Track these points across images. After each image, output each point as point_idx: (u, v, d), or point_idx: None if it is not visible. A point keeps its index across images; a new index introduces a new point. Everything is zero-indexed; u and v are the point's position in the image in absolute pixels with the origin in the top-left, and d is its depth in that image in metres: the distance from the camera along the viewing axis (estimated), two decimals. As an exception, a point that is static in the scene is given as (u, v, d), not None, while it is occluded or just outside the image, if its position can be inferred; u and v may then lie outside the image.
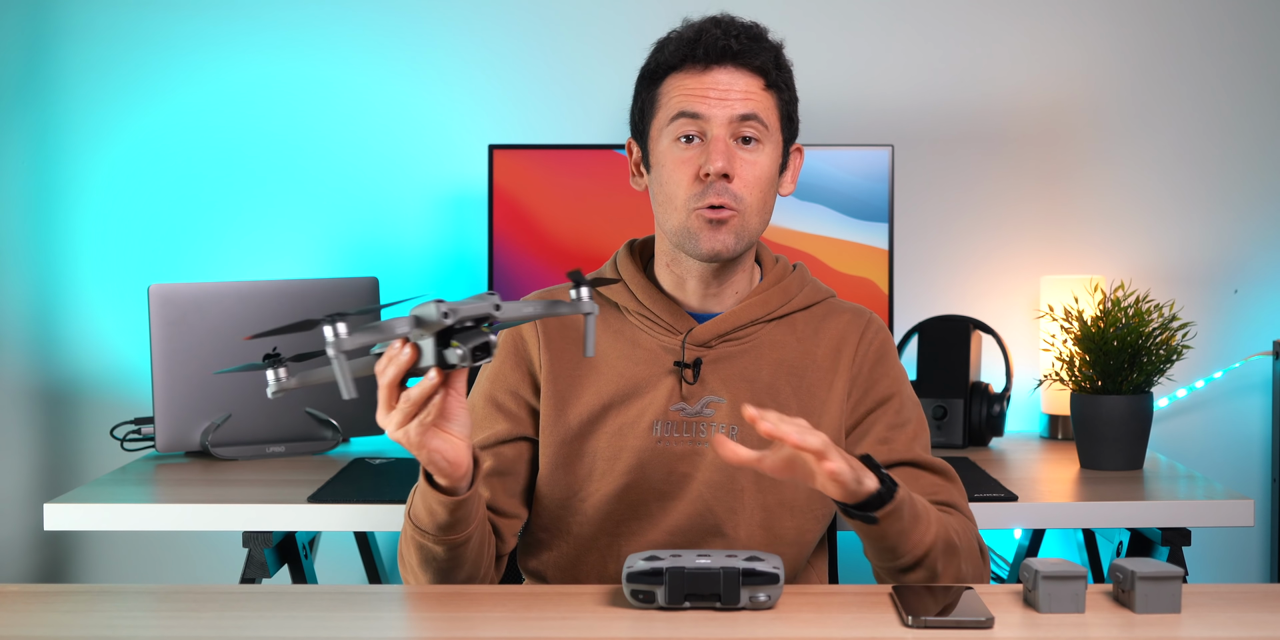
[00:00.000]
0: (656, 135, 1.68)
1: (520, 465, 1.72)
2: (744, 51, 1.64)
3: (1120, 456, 2.30)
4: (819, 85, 2.81)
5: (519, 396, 1.72)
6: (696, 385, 1.69)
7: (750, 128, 1.64)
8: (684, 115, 1.64)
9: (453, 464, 1.49)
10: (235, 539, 2.25)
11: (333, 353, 1.33)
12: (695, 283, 1.71)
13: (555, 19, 2.82)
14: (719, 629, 1.35)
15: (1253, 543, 2.84)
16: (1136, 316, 2.26)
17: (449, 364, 1.39)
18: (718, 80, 1.64)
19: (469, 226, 2.81)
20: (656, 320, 1.71)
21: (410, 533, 1.57)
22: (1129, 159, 2.83)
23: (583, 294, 1.45)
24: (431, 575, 1.60)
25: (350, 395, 1.34)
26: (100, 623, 1.41)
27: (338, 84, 2.83)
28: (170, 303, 2.41)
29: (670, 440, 1.68)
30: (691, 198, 1.64)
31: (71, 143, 2.84)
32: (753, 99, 1.65)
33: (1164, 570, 1.39)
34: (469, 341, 1.38)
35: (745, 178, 1.64)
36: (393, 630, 1.43)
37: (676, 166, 1.65)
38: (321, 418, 2.52)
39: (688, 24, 1.68)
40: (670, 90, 1.66)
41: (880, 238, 2.59)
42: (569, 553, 1.72)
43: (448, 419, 1.48)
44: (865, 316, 1.76)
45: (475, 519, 1.56)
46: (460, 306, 1.37)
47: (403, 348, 1.39)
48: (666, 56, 1.66)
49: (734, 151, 1.64)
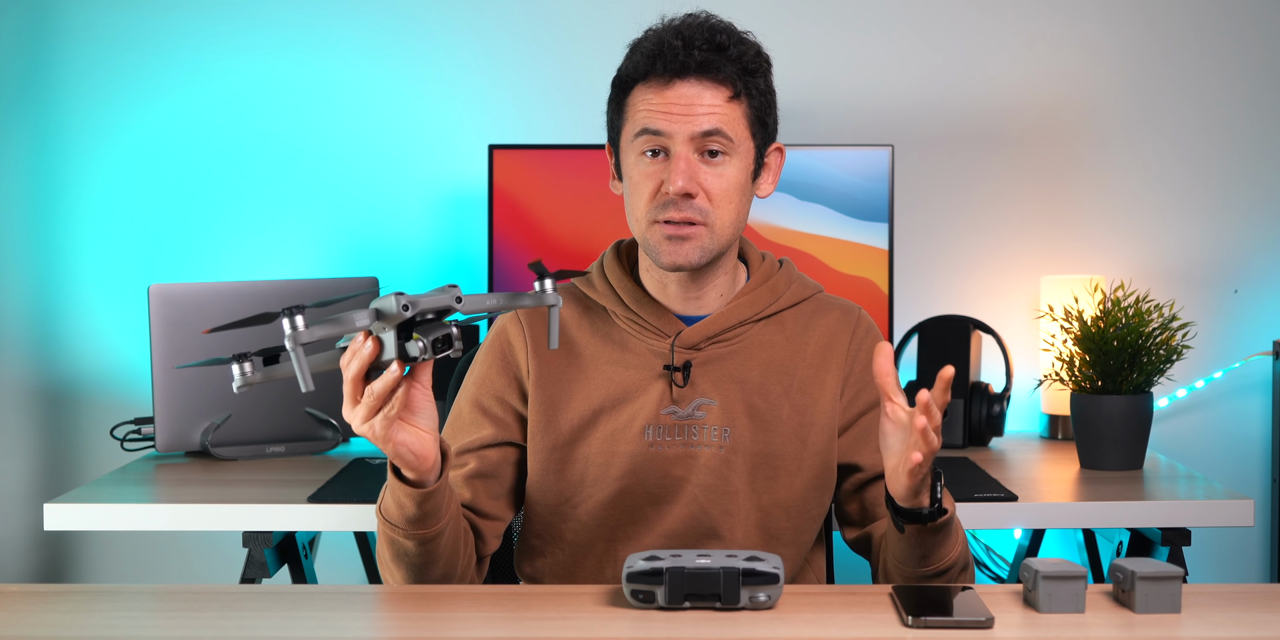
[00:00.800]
0: (625, 146, 1.67)
1: (505, 469, 1.72)
2: (705, 64, 1.60)
3: (1120, 456, 2.30)
4: (819, 85, 2.81)
5: (504, 402, 1.72)
6: (687, 388, 1.68)
7: (714, 142, 1.62)
8: (646, 132, 1.62)
9: (419, 457, 1.49)
10: (235, 539, 2.25)
11: (290, 345, 1.34)
12: (675, 287, 1.70)
13: (555, 19, 2.82)
14: (719, 629, 1.35)
15: (1253, 543, 2.84)
16: (1136, 316, 2.26)
17: (410, 356, 1.39)
18: (680, 95, 1.61)
19: (469, 226, 2.81)
20: (644, 324, 1.70)
21: (382, 528, 1.58)
22: (1129, 159, 2.83)
23: (546, 286, 1.47)
24: (405, 571, 1.59)
25: (307, 388, 1.35)
26: (100, 623, 1.41)
27: (338, 84, 2.83)
28: (170, 303, 2.41)
29: (663, 444, 1.68)
30: (652, 210, 1.63)
31: (71, 143, 2.84)
32: (716, 112, 1.61)
33: (1164, 570, 1.39)
34: (430, 334, 1.39)
35: (712, 191, 1.62)
36: (392, 630, 1.43)
37: (640, 180, 1.64)
38: (321, 418, 2.52)
39: (657, 28, 1.65)
40: (636, 103, 1.64)
41: (880, 238, 2.59)
42: (564, 559, 1.72)
43: (413, 412, 1.49)
44: (854, 314, 1.75)
45: (446, 514, 1.56)
46: (419, 299, 1.38)
47: (365, 341, 1.41)
48: (632, 67, 1.64)
49: (696, 168, 1.62)
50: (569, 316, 1.73)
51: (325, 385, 2.49)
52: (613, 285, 1.73)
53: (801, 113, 2.80)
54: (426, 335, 1.39)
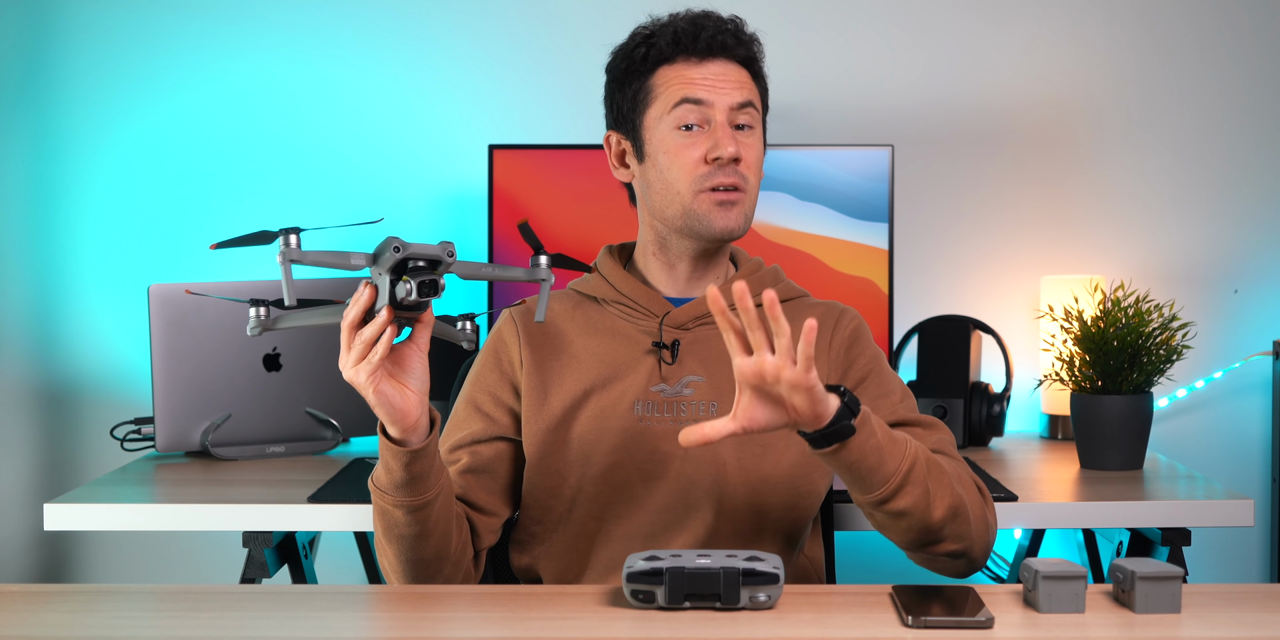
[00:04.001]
0: (653, 124, 1.72)
1: (499, 464, 1.74)
2: (730, 46, 1.72)
3: (1120, 456, 2.30)
4: (819, 85, 2.81)
5: (497, 399, 1.75)
6: (675, 366, 1.72)
7: (746, 115, 1.71)
8: (688, 101, 1.69)
9: (399, 411, 1.52)
10: (235, 539, 2.25)
11: (280, 260, 1.43)
12: (686, 264, 1.75)
13: (555, 19, 2.82)
14: (719, 629, 1.35)
15: (1253, 543, 2.84)
16: (1136, 316, 2.26)
17: (397, 299, 1.46)
18: (715, 70, 1.71)
19: (469, 226, 2.81)
20: (634, 306, 1.75)
21: (375, 501, 1.61)
22: (1129, 159, 2.83)
23: (541, 261, 1.56)
24: (398, 548, 1.61)
25: (290, 302, 1.45)
26: (100, 623, 1.41)
27: (338, 84, 2.83)
28: (170, 303, 2.41)
29: (652, 420, 1.70)
30: (698, 179, 1.69)
31: (71, 143, 2.84)
32: (747, 87, 1.72)
33: (1164, 570, 1.39)
34: (418, 278, 1.45)
35: (748, 160, 1.71)
36: (392, 630, 1.43)
37: (680, 151, 1.70)
38: (321, 418, 2.52)
39: (659, 22, 1.73)
40: (668, 80, 1.71)
41: (880, 238, 2.59)
42: (559, 542, 1.73)
43: (404, 371, 1.53)
44: (837, 309, 1.79)
45: (434, 485, 1.58)
46: (412, 245, 1.45)
47: (363, 289, 1.47)
48: (659, 49, 1.71)
49: (736, 136, 1.70)
50: (560, 311, 1.77)
51: (325, 385, 2.48)
52: (605, 276, 1.77)
53: (801, 113, 2.80)
54: (414, 278, 1.45)
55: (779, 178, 2.57)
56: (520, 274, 1.56)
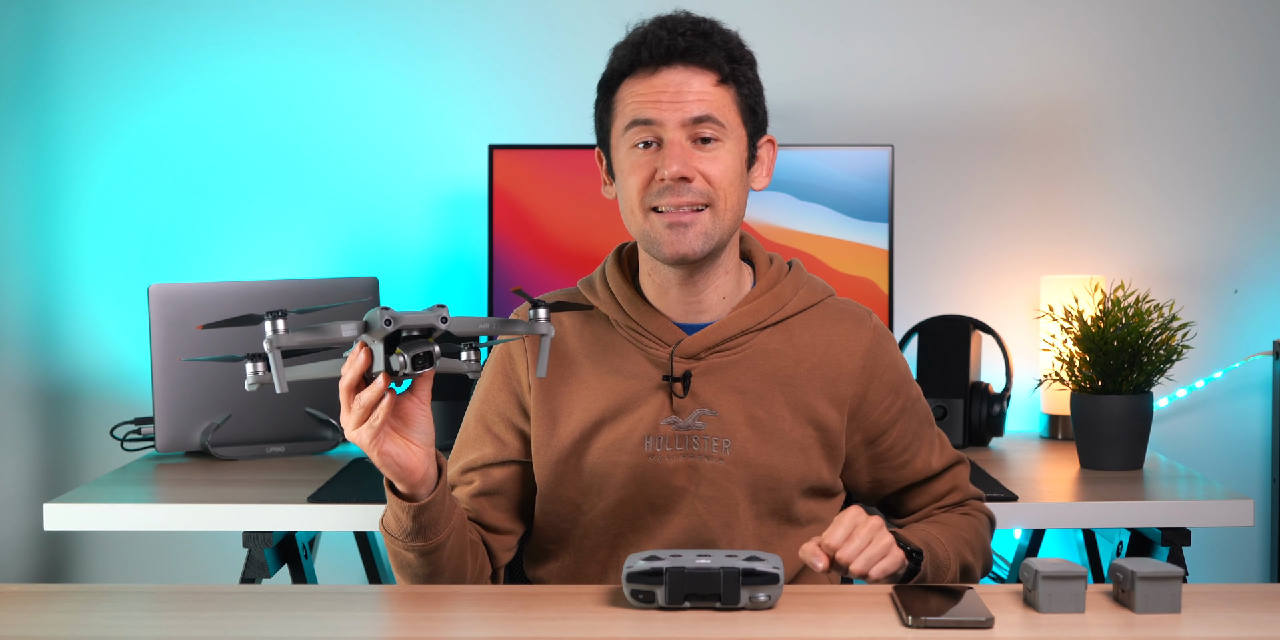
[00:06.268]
0: (616, 143, 1.65)
1: (510, 484, 1.72)
2: (691, 49, 1.60)
3: (1120, 456, 2.30)
4: (819, 85, 2.81)
5: (506, 419, 1.72)
6: (687, 398, 1.66)
7: (707, 128, 1.61)
8: (637, 123, 1.61)
9: (405, 469, 1.51)
10: (235, 539, 2.25)
11: (268, 347, 1.39)
12: (676, 290, 1.67)
13: (555, 20, 2.82)
14: (719, 629, 1.35)
15: (1253, 543, 2.84)
16: (1136, 316, 2.26)
17: (392, 370, 1.44)
18: (668, 82, 1.60)
19: (469, 226, 2.81)
20: (644, 333, 1.68)
21: (386, 542, 1.59)
22: (1129, 159, 2.83)
23: (540, 315, 1.53)
24: (411, 582, 1.61)
25: (281, 390, 1.40)
26: (100, 623, 1.41)
27: (338, 84, 2.83)
28: (170, 303, 2.41)
29: (663, 455, 1.67)
30: (647, 198, 1.61)
31: (71, 143, 2.84)
32: (706, 99, 1.60)
33: (1164, 570, 1.39)
34: (411, 350, 1.43)
35: (710, 175, 1.61)
36: (392, 630, 1.43)
37: (632, 171, 1.62)
38: (321, 418, 2.52)
39: (637, 27, 1.64)
40: (624, 97, 1.63)
41: (880, 238, 2.59)
42: (570, 563, 1.72)
43: (407, 425, 1.51)
44: (867, 325, 1.72)
45: (445, 527, 1.56)
46: (403, 315, 1.43)
47: (359, 352, 1.44)
48: (617, 63, 1.63)
49: (691, 153, 1.60)
50: (569, 325, 1.72)
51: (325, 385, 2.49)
52: (613, 292, 1.71)
53: (801, 113, 2.80)
54: (408, 351, 1.43)
55: (779, 178, 2.57)
56: (520, 328, 1.52)
